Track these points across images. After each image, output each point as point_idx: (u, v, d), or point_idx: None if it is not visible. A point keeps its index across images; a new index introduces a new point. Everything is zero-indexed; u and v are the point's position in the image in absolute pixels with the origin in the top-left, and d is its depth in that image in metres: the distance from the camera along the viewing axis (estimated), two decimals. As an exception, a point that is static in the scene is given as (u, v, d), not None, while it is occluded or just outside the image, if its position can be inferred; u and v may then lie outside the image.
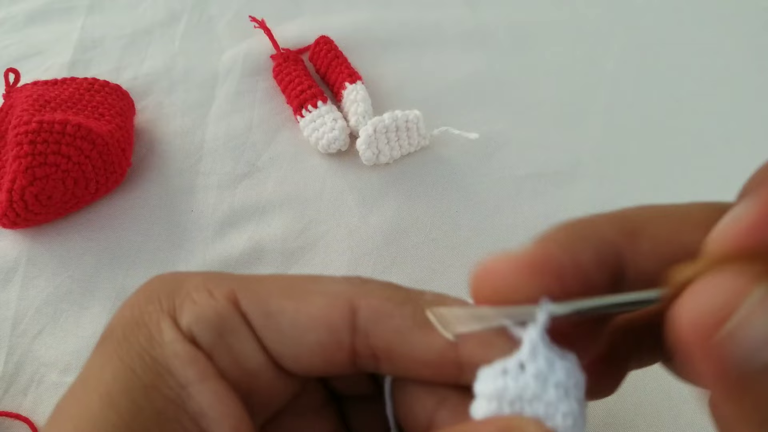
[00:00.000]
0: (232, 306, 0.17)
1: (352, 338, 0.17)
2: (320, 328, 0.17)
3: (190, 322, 0.17)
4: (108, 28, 0.50)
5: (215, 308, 0.17)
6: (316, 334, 0.17)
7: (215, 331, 0.17)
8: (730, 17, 0.52)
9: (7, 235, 0.37)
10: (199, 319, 0.17)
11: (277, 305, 0.17)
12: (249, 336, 0.17)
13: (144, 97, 0.45)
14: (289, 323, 0.17)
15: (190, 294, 0.17)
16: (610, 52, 0.49)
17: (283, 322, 0.17)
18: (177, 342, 0.17)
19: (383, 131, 0.39)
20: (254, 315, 0.17)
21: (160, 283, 0.18)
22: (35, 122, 0.35)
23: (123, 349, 0.17)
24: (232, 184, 0.40)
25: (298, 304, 0.17)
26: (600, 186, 0.40)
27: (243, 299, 0.17)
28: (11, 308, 0.34)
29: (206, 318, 0.17)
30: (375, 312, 0.17)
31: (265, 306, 0.17)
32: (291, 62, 0.45)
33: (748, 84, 0.47)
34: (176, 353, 0.16)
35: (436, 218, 0.38)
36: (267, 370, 0.18)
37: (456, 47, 0.49)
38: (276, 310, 0.17)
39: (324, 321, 0.17)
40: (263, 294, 0.18)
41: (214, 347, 0.17)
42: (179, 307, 0.17)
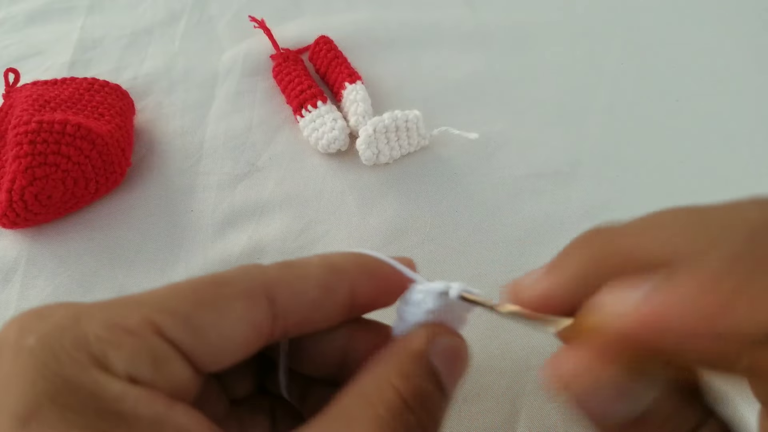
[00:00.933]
0: (157, 337, 0.17)
1: (272, 323, 0.19)
2: (245, 330, 0.18)
3: (126, 367, 0.16)
4: (108, 28, 0.50)
5: (143, 345, 0.17)
6: (242, 335, 0.18)
7: (152, 366, 0.17)
8: (730, 17, 0.52)
9: (7, 235, 0.37)
10: (133, 361, 0.16)
11: (200, 320, 0.18)
12: (179, 358, 0.18)
13: (144, 97, 0.45)
14: (217, 335, 0.18)
15: (104, 339, 0.16)
16: (610, 52, 0.49)
17: (210, 336, 0.18)
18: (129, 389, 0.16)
19: (383, 131, 0.39)
20: (180, 337, 0.17)
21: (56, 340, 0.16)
22: (35, 122, 0.35)
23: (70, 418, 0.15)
24: (231, 184, 0.40)
25: (220, 313, 0.18)
26: (600, 186, 0.40)
27: (165, 326, 0.17)
28: (11, 308, 0.34)
29: (139, 358, 0.17)
30: (291, 293, 0.19)
31: (189, 324, 0.17)
32: (291, 62, 0.45)
33: (748, 84, 0.47)
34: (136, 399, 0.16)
35: (436, 218, 0.38)
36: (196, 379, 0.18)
37: (456, 47, 0.49)
38: (200, 325, 0.18)
39: (248, 322, 0.18)
40: (182, 312, 0.17)
41: (154, 381, 0.17)
42: (104, 357, 0.16)
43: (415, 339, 0.20)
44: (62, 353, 0.16)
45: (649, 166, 0.41)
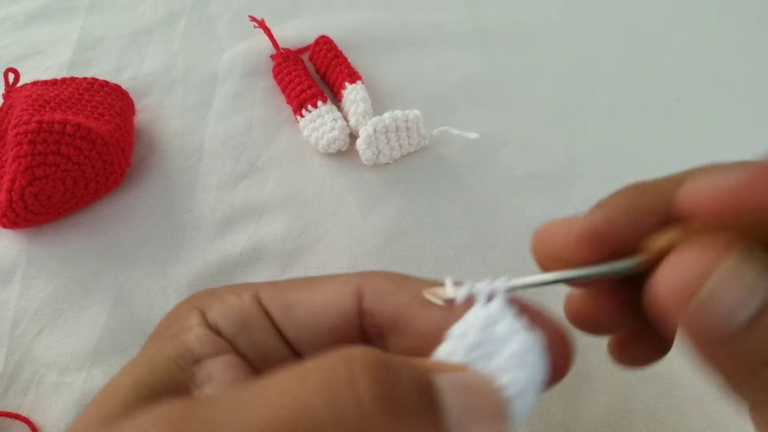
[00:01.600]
0: (254, 302, 0.19)
1: (360, 319, 0.19)
2: (332, 313, 0.19)
3: (216, 317, 0.19)
4: (108, 27, 0.50)
5: (239, 304, 0.19)
6: (328, 318, 0.19)
7: (237, 323, 0.19)
8: (730, 17, 0.52)
9: (7, 235, 0.37)
10: (224, 313, 0.19)
11: (294, 296, 0.19)
12: (269, 327, 0.19)
13: (144, 97, 0.45)
14: (305, 311, 0.19)
15: (220, 295, 0.20)
16: (610, 52, 0.49)
17: (299, 311, 0.19)
18: (200, 327, 0.18)
19: (383, 131, 0.39)
20: (274, 308, 0.19)
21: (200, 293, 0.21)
22: (35, 122, 0.35)
23: (158, 337, 0.19)
24: (231, 183, 0.40)
25: (311, 293, 0.19)
26: (600, 186, 0.40)
27: (264, 295, 0.19)
28: (11, 308, 0.34)
29: (230, 312, 0.19)
30: (379, 293, 0.19)
31: (283, 299, 0.19)
32: (291, 62, 0.45)
33: (748, 84, 0.47)
34: (198, 336, 0.18)
35: (436, 218, 0.38)
36: (287, 359, 0.19)
37: (456, 47, 0.49)
38: (293, 301, 0.19)
39: (335, 306, 0.19)
40: (281, 289, 0.19)
41: (236, 337, 0.19)
42: (209, 306, 0.19)
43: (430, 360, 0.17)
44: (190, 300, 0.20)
45: (649, 166, 0.41)
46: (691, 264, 0.14)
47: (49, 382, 0.32)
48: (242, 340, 0.19)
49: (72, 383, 0.32)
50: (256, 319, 0.19)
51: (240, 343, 0.19)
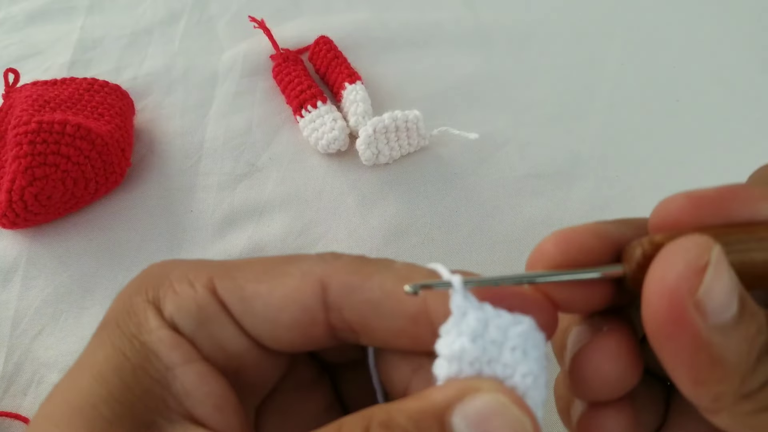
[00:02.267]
0: (210, 295, 0.18)
1: (325, 314, 0.18)
2: (292, 307, 0.18)
3: (171, 312, 0.18)
4: (108, 28, 0.50)
5: (194, 298, 0.18)
6: (289, 313, 0.18)
7: (195, 319, 0.18)
8: (730, 17, 0.52)
9: (7, 235, 0.37)
10: (179, 309, 0.18)
11: (252, 289, 0.18)
12: (228, 321, 0.18)
13: (144, 97, 0.45)
14: (263, 305, 0.18)
15: (172, 285, 0.18)
16: (610, 52, 0.49)
17: (257, 305, 0.18)
18: (161, 329, 0.18)
19: (383, 131, 0.39)
20: (231, 301, 0.18)
21: (148, 275, 0.19)
22: (35, 122, 0.35)
23: (115, 335, 0.18)
24: (231, 184, 0.40)
25: (271, 286, 0.18)
26: (600, 186, 0.40)
27: (220, 287, 0.18)
28: (11, 308, 0.34)
29: (186, 308, 0.18)
30: (345, 287, 0.18)
31: (241, 291, 0.18)
32: (291, 62, 0.45)
33: (748, 84, 0.47)
34: (161, 338, 0.17)
35: (436, 218, 0.38)
36: (251, 352, 0.18)
37: (456, 47, 0.49)
38: (250, 294, 0.18)
39: (295, 300, 0.18)
40: (239, 280, 0.18)
41: (195, 334, 0.18)
42: (162, 298, 0.18)
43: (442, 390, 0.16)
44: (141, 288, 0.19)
45: (649, 166, 0.41)
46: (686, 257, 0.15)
47: (49, 382, 0.32)
48: (201, 336, 0.18)
49: (72, 383, 0.32)
50: (214, 314, 0.18)
51: (199, 339, 0.18)
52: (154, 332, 0.18)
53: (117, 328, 0.18)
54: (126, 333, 0.18)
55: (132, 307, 0.18)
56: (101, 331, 0.19)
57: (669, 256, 0.15)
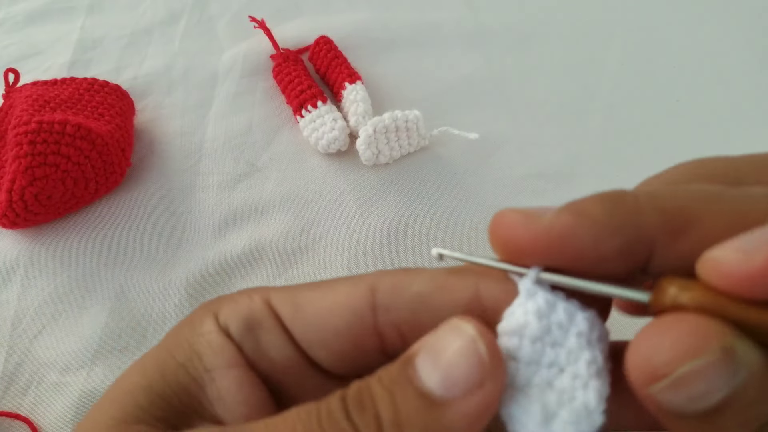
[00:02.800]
0: (263, 303, 0.19)
1: (374, 318, 0.18)
2: (343, 311, 0.18)
3: (226, 318, 0.19)
4: (108, 28, 0.50)
5: (249, 305, 0.19)
6: (339, 317, 0.18)
7: (245, 324, 0.18)
8: (730, 17, 0.52)
9: (7, 235, 0.37)
10: (233, 314, 0.19)
11: (304, 296, 0.19)
12: (277, 327, 0.18)
13: (144, 97, 0.45)
14: (315, 309, 0.18)
15: (234, 297, 0.19)
16: (610, 52, 0.49)
17: (308, 310, 0.18)
18: (211, 333, 0.18)
19: (383, 131, 0.39)
20: (283, 308, 0.19)
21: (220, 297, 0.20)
22: (35, 122, 0.35)
23: (170, 339, 0.19)
24: (231, 184, 0.40)
25: (322, 292, 0.19)
26: (600, 186, 0.40)
27: (274, 297, 0.19)
28: (11, 308, 0.34)
29: (239, 313, 0.19)
30: (393, 287, 0.18)
31: (293, 299, 0.19)
32: (291, 62, 0.45)
33: (748, 84, 0.47)
34: (209, 342, 0.18)
35: (436, 218, 0.38)
36: (297, 364, 0.19)
37: (456, 47, 0.49)
38: (302, 301, 0.18)
39: (345, 304, 0.18)
40: (292, 290, 0.19)
41: (243, 339, 0.18)
42: (221, 307, 0.19)
43: None
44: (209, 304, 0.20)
45: (649, 166, 0.41)
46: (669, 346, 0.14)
47: (49, 382, 0.32)
48: (249, 341, 0.18)
49: (72, 383, 0.32)
50: (264, 319, 0.18)
51: (246, 343, 0.18)
52: (204, 336, 0.18)
53: (173, 333, 0.19)
54: (179, 336, 0.19)
55: (193, 316, 0.19)
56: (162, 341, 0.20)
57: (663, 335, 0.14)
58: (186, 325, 0.19)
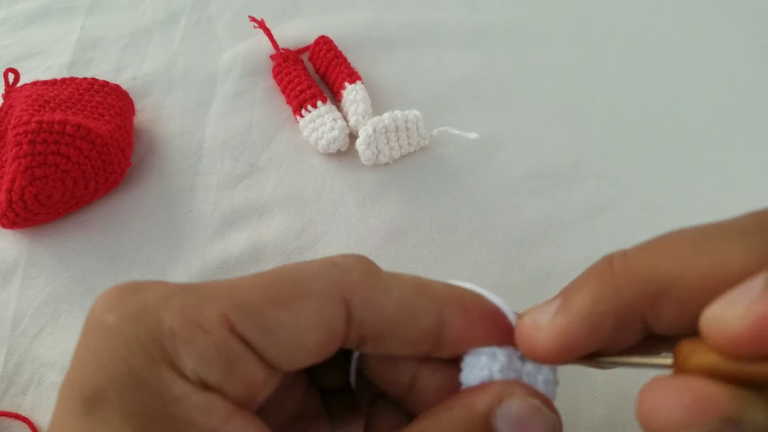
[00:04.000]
0: (229, 334, 0.16)
1: (346, 331, 0.18)
2: (318, 331, 0.17)
3: (195, 367, 0.16)
4: (108, 28, 0.50)
5: (215, 344, 0.16)
6: (315, 336, 0.17)
7: (222, 367, 0.16)
8: (730, 17, 0.52)
9: (7, 235, 0.37)
10: (202, 361, 0.16)
11: (273, 318, 0.17)
12: (252, 357, 0.17)
13: (144, 97, 0.45)
14: (289, 335, 0.17)
15: (177, 333, 0.16)
16: (610, 52, 0.49)
17: (282, 335, 0.17)
18: (191, 394, 0.16)
19: (383, 131, 0.39)
20: (252, 335, 0.17)
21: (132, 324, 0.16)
22: (34, 122, 0.35)
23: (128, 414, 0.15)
24: (231, 184, 0.40)
25: (293, 312, 0.17)
26: (600, 186, 0.40)
27: (237, 323, 0.17)
28: (11, 308, 0.34)
29: (209, 357, 0.16)
30: (367, 302, 0.18)
31: (262, 322, 0.17)
32: (290, 62, 0.45)
33: (748, 84, 0.47)
34: (194, 406, 0.16)
35: (436, 218, 0.38)
36: (269, 379, 0.18)
37: (456, 47, 0.49)
38: (273, 324, 0.17)
39: (321, 324, 0.17)
40: (256, 308, 0.17)
41: (224, 383, 0.16)
42: (174, 353, 0.16)
43: (480, 394, 0.18)
44: (134, 341, 0.16)
45: (649, 166, 0.41)
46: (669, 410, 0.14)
47: (49, 382, 0.32)
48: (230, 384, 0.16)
49: (72, 383, 0.32)
50: (238, 354, 0.16)
51: (227, 385, 0.16)
52: (183, 400, 0.16)
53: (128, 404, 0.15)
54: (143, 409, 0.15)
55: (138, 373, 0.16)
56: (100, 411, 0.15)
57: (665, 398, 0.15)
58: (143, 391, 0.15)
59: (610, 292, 0.17)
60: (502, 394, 0.17)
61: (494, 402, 0.17)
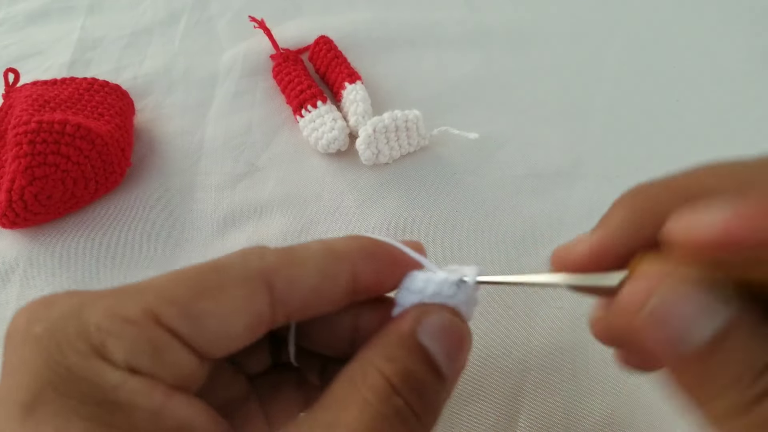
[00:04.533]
0: (155, 325, 0.17)
1: (272, 312, 0.19)
2: (244, 317, 0.18)
3: (125, 357, 0.16)
4: (108, 28, 0.50)
5: (142, 334, 0.17)
6: (242, 323, 0.18)
7: (150, 356, 0.17)
8: (730, 17, 0.52)
9: (7, 235, 0.37)
10: (131, 350, 0.17)
11: (199, 309, 0.18)
12: (180, 346, 0.17)
13: (144, 97, 0.45)
14: (216, 323, 0.18)
15: (104, 328, 0.17)
16: (611, 51, 0.49)
17: (209, 324, 0.18)
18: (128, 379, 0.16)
19: (383, 131, 0.39)
20: (179, 325, 0.17)
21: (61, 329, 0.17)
22: (35, 122, 0.35)
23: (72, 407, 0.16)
24: (231, 184, 0.40)
25: (217, 301, 0.18)
26: (600, 186, 0.40)
27: (162, 315, 0.17)
28: (10, 308, 0.34)
29: (137, 347, 0.17)
30: (288, 281, 0.19)
31: (187, 313, 0.17)
32: (291, 62, 0.45)
33: (748, 84, 0.47)
34: (133, 389, 0.16)
35: (436, 218, 0.38)
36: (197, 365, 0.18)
37: (456, 47, 0.49)
38: (198, 313, 0.17)
39: (246, 309, 0.18)
40: (180, 300, 0.18)
41: (155, 369, 0.17)
42: (103, 347, 0.16)
43: (403, 319, 0.20)
44: (65, 343, 0.16)
45: (649, 166, 0.41)
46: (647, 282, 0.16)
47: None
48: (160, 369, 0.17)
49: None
50: (166, 343, 0.17)
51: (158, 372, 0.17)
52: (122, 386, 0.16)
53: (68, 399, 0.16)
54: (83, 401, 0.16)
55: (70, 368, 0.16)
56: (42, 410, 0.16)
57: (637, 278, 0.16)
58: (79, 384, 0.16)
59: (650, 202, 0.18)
60: (421, 315, 0.20)
61: (416, 321, 0.20)
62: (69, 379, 0.16)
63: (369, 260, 0.21)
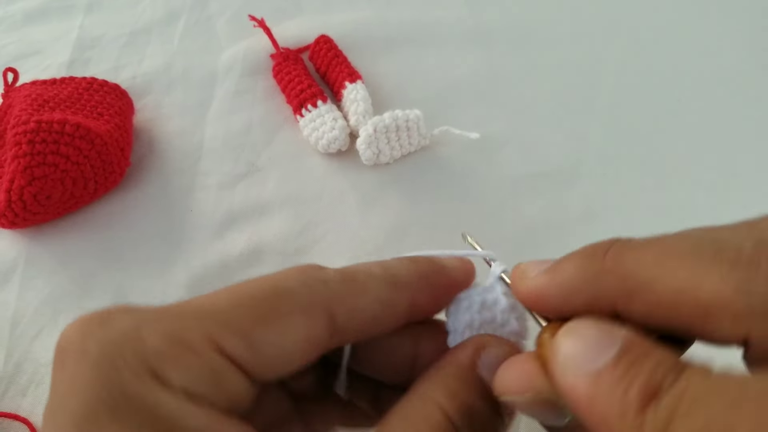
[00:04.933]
0: (218, 355, 0.17)
1: (329, 340, 0.19)
2: (305, 346, 0.18)
3: (183, 383, 0.16)
4: (107, 27, 0.50)
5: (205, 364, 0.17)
6: (302, 352, 0.18)
7: (209, 384, 0.17)
8: (731, 17, 0.52)
9: (6, 235, 0.37)
10: (191, 378, 0.17)
11: (260, 337, 0.17)
12: (237, 372, 0.17)
13: (143, 97, 0.45)
14: (275, 353, 0.18)
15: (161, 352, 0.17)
16: (611, 51, 0.49)
17: (269, 353, 0.18)
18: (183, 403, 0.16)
19: (383, 131, 0.39)
20: (240, 354, 0.17)
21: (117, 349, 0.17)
22: (34, 122, 0.35)
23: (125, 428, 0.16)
24: (231, 184, 0.40)
25: (279, 330, 0.18)
26: (600, 186, 0.40)
27: (226, 344, 0.17)
28: (10, 309, 0.34)
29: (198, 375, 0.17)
30: (350, 311, 0.19)
31: (248, 340, 0.17)
32: (291, 61, 0.44)
33: (748, 84, 0.47)
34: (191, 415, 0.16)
35: (436, 218, 0.38)
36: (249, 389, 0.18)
37: (456, 47, 0.49)
38: (259, 342, 0.17)
39: (308, 339, 0.18)
40: (242, 327, 0.17)
41: (211, 396, 0.17)
42: (161, 370, 0.16)
43: (462, 351, 0.20)
44: (122, 364, 0.16)
45: (649, 166, 0.41)
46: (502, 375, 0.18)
47: (48, 382, 0.32)
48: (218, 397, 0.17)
49: (71, 384, 0.32)
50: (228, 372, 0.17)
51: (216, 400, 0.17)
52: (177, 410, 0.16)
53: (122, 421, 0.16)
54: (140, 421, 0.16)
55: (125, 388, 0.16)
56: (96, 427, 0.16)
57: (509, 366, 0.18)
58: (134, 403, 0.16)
59: (591, 275, 0.18)
60: (482, 344, 0.20)
61: (475, 354, 0.20)
62: (124, 401, 0.16)
63: (427, 287, 0.21)
